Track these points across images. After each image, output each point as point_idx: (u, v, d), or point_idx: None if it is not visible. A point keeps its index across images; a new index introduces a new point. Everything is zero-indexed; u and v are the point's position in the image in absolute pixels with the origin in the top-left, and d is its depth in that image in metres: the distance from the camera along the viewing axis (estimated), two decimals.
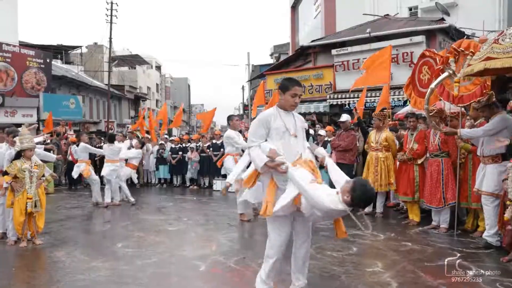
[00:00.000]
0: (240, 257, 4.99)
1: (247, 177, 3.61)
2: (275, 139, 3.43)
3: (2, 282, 4.29)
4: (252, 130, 3.49)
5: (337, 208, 3.03)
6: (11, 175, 5.44)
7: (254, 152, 3.39)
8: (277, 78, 16.64)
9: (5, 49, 19.46)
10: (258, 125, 3.47)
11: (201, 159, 11.90)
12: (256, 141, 3.42)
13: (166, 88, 53.92)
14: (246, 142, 4.10)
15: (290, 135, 3.48)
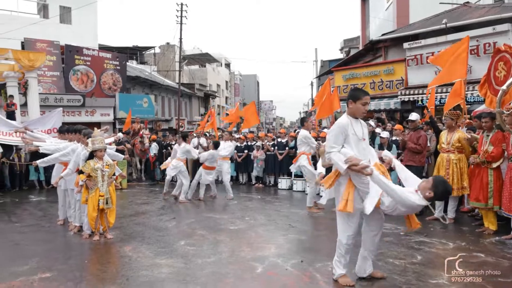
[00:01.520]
0: (298, 260, 4.94)
1: (327, 178, 4.04)
2: (352, 145, 3.92)
3: (75, 273, 4.62)
4: (332, 137, 3.94)
5: (421, 203, 3.69)
6: (85, 174, 5.84)
7: (336, 157, 3.83)
8: (345, 74, 16.22)
9: (86, 53, 20.96)
10: (338, 132, 3.93)
11: (267, 157, 11.96)
12: (337, 147, 3.88)
13: (235, 86, 54.89)
14: None
15: (362, 140, 3.99)
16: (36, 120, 12.24)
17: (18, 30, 19.72)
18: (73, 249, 5.77)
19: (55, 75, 19.82)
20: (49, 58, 18.64)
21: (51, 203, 9.33)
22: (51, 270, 4.71)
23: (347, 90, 15.98)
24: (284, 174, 11.79)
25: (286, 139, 12.10)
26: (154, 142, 13.34)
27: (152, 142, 13.34)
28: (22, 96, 14.44)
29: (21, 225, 7.35)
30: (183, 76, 30.86)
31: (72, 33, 23.23)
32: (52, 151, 6.75)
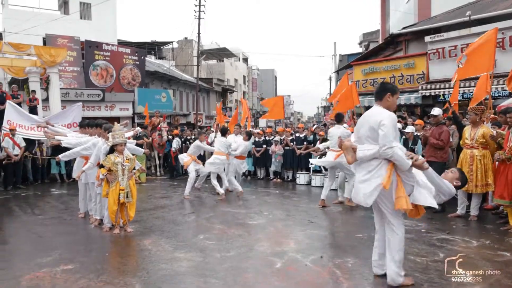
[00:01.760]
0: (318, 256, 4.90)
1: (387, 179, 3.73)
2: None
3: (96, 265, 4.68)
4: (392, 132, 3.70)
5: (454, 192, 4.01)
6: (106, 168, 5.90)
7: (400, 152, 3.66)
8: (365, 69, 15.99)
9: (105, 48, 21.21)
10: (394, 127, 3.76)
11: (285, 152, 11.91)
12: (396, 142, 3.71)
13: (252, 80, 54.83)
14: None
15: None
16: (57, 115, 12.46)
17: (40, 26, 20.09)
18: (94, 241, 5.86)
19: (75, 70, 20.12)
20: (69, 53, 18.90)
21: (72, 196, 9.48)
22: (73, 262, 4.78)
23: (367, 85, 15.80)
24: (303, 169, 11.73)
25: (304, 134, 12.02)
26: (176, 137, 13.40)
27: (174, 137, 13.40)
28: (44, 91, 14.71)
29: (44, 218, 7.49)
30: (201, 71, 30.95)
31: (92, 28, 23.57)
32: (73, 145, 6.85)
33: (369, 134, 3.82)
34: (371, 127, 3.79)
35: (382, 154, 3.67)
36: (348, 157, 3.92)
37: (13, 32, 20.12)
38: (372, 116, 3.85)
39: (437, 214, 6.97)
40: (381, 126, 3.67)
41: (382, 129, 3.66)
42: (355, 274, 4.31)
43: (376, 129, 3.72)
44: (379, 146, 3.68)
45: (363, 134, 3.90)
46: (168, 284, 4.09)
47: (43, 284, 4.12)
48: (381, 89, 3.97)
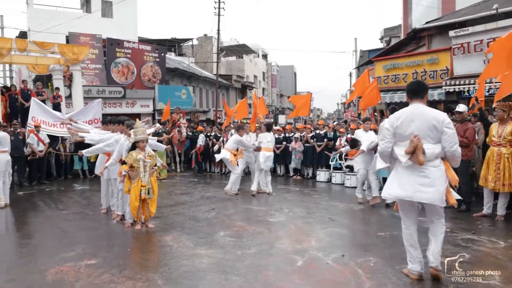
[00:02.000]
0: (339, 254, 4.84)
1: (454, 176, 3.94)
2: None
3: (119, 261, 4.73)
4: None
5: None
6: (128, 164, 5.96)
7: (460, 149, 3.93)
8: (386, 64, 15.74)
9: (126, 45, 21.44)
10: None
11: (305, 149, 11.83)
12: None
13: (272, 77, 54.67)
14: None
15: None
16: (78, 112, 12.67)
17: (63, 25, 20.43)
18: (116, 237, 5.93)
19: (97, 67, 20.41)
20: (91, 51, 19.17)
21: (94, 192, 9.63)
22: (96, 257, 4.84)
23: (388, 81, 15.55)
24: (323, 166, 11.64)
25: (324, 130, 11.92)
26: (201, 134, 13.43)
27: (199, 133, 13.44)
28: (67, 88, 14.97)
29: (67, 213, 7.62)
30: (221, 68, 31.01)
31: (113, 26, 23.82)
32: (96, 142, 6.94)
33: (430, 133, 3.82)
34: (432, 126, 3.81)
35: (451, 151, 3.79)
36: (421, 157, 3.81)
37: (38, 31, 20.52)
38: (429, 115, 3.86)
39: (461, 213, 6.82)
40: (447, 125, 3.77)
41: (449, 128, 3.78)
42: (377, 273, 4.24)
43: (439, 128, 3.78)
44: (445, 144, 3.79)
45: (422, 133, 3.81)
46: (189, 280, 4.11)
47: (67, 278, 4.18)
48: (423, 88, 4.04)
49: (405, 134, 3.88)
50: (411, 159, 3.82)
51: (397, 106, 6.31)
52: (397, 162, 3.99)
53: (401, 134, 3.91)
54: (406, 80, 14.79)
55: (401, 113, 3.96)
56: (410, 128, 3.85)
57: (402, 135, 3.90)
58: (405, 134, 3.88)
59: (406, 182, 3.88)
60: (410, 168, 3.87)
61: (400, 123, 3.91)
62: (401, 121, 3.91)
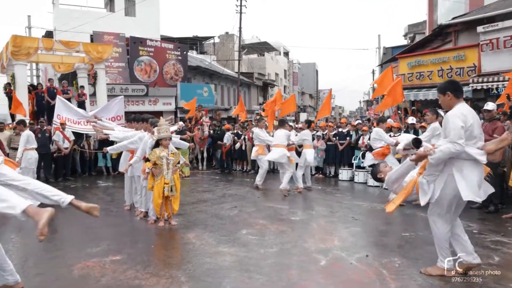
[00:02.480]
0: (363, 254, 4.76)
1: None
2: None
3: (143, 257, 4.78)
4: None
5: None
6: (152, 161, 6.01)
7: None
8: (411, 62, 15.44)
9: (149, 44, 21.68)
10: None
11: (327, 147, 11.72)
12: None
13: (293, 74, 54.44)
14: None
15: None
16: (101, 109, 12.88)
17: (87, 24, 20.79)
18: (140, 233, 6.00)
19: (120, 66, 20.70)
20: (115, 50, 19.47)
21: (118, 188, 9.76)
22: (120, 253, 4.90)
23: (412, 78, 15.26)
24: (345, 165, 11.51)
25: (347, 129, 11.78)
26: (227, 132, 13.47)
27: (225, 132, 13.47)
28: (91, 86, 15.23)
29: None
30: (242, 65, 31.04)
31: (136, 25, 24.09)
32: (120, 139, 7.03)
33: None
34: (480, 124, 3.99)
35: None
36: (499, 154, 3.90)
37: (63, 30, 20.94)
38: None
39: (489, 214, 6.64)
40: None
41: None
42: (402, 274, 4.15)
43: None
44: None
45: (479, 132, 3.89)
46: (212, 278, 4.11)
47: (93, 274, 4.25)
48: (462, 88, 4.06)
49: (474, 133, 3.82)
50: (488, 157, 3.85)
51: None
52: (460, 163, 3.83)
53: (470, 134, 3.80)
54: (431, 77, 14.49)
55: (467, 112, 3.87)
56: (478, 127, 3.87)
57: (471, 134, 3.81)
58: (474, 134, 3.82)
59: (476, 182, 3.80)
60: (476, 168, 3.81)
61: (472, 122, 3.82)
62: (473, 121, 3.83)
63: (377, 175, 4.53)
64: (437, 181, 3.92)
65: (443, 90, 3.96)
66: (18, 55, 12.41)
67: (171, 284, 3.96)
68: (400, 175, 4.21)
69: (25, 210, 2.83)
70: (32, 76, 26.31)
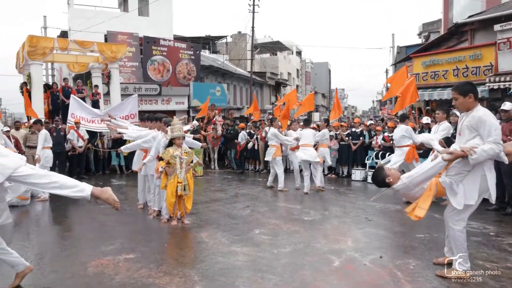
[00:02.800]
0: (377, 256, 4.72)
1: None
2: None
3: (156, 256, 4.80)
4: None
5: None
6: (165, 160, 6.03)
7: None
8: (425, 61, 15.26)
9: (162, 43, 21.81)
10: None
11: (340, 147, 11.65)
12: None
13: (306, 74, 54.26)
14: None
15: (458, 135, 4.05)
16: (115, 107, 13.00)
17: (101, 24, 20.98)
18: (153, 232, 6.02)
19: (134, 65, 20.86)
20: (129, 49, 19.62)
21: (131, 187, 9.84)
22: (134, 251, 4.93)
23: (427, 78, 15.08)
24: (358, 165, 11.43)
25: (360, 128, 11.70)
26: (242, 131, 13.48)
27: (241, 130, 13.48)
28: (105, 85, 15.37)
29: (105, 207, 7.77)
30: (255, 65, 31.04)
31: (150, 24, 24.25)
32: (134, 138, 7.08)
33: None
34: None
35: None
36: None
37: (78, 30, 21.17)
38: None
39: (507, 216, 6.53)
40: None
41: None
42: (417, 276, 4.10)
43: None
44: None
45: None
46: (226, 277, 4.11)
47: (107, 271, 4.28)
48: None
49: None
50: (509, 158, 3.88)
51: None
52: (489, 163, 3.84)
53: None
54: (446, 77, 14.30)
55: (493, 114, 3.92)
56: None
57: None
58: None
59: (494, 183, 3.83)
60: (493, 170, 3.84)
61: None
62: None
63: (385, 180, 4.10)
64: (469, 182, 3.84)
65: (466, 92, 3.89)
66: (34, 55, 12.58)
67: (185, 283, 3.97)
68: (427, 178, 3.99)
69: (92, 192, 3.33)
70: (47, 75, 26.65)
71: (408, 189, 4.06)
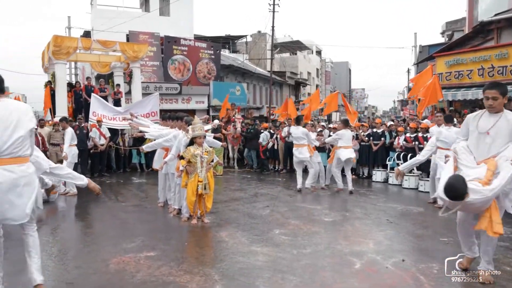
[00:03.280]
0: (399, 259, 4.63)
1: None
2: (472, 139, 3.99)
3: (176, 254, 4.83)
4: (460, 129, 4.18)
5: None
6: (186, 159, 6.06)
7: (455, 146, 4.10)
8: (449, 60, 14.93)
9: (183, 43, 21.98)
10: (462, 125, 4.16)
11: (361, 147, 11.52)
12: (460, 138, 4.17)
13: (326, 73, 53.91)
14: None
15: (485, 134, 3.85)
16: (135, 104, 13.14)
17: (123, 24, 21.27)
18: (173, 230, 6.06)
19: (155, 64, 21.07)
20: (150, 49, 19.81)
21: (151, 185, 9.94)
22: (155, 249, 4.97)
23: (451, 78, 14.76)
24: (379, 166, 11.27)
25: (381, 129, 11.53)
26: (265, 131, 13.46)
27: (263, 130, 13.46)
28: (127, 84, 15.57)
29: (126, 205, 7.91)
30: (274, 64, 30.98)
31: (170, 24, 24.45)
32: (155, 137, 7.14)
33: None
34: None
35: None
36: None
37: (100, 30, 21.50)
38: None
39: None
40: None
41: None
42: (442, 281, 4.01)
43: None
44: None
45: None
46: (246, 277, 4.10)
47: (128, 269, 4.32)
48: None
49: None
50: None
51: None
52: None
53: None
54: (470, 76, 13.96)
55: None
56: None
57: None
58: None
59: None
60: None
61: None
62: None
63: (465, 193, 3.44)
64: None
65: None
66: (58, 55, 12.81)
67: (205, 282, 3.97)
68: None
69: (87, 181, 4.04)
70: (71, 74, 27.16)
71: (487, 203, 3.55)
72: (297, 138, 9.26)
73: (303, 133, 9.21)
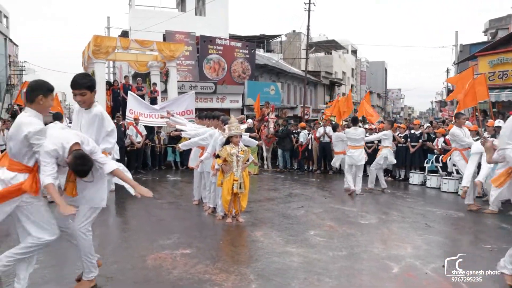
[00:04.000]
0: (439, 265, 4.48)
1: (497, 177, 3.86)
2: None
3: (212, 252, 4.85)
4: (508, 132, 3.70)
5: None
6: (222, 158, 6.09)
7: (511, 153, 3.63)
8: (493, 60, 14.39)
9: (218, 42, 22.16)
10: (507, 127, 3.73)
11: (398, 149, 11.24)
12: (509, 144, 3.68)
13: (361, 73, 53.06)
14: None
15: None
16: (171, 102, 13.34)
17: (160, 23, 21.69)
18: (208, 228, 6.10)
19: (190, 64, 21.35)
20: (186, 48, 20.07)
21: (186, 183, 10.06)
22: (190, 246, 5.02)
23: (494, 78, 14.22)
24: (416, 168, 10.97)
25: (420, 131, 11.22)
26: (304, 130, 13.37)
27: (301, 130, 13.41)
28: (163, 83, 15.85)
29: (162, 202, 8.04)
30: (309, 64, 30.76)
31: (206, 24, 24.74)
32: (192, 136, 7.21)
33: None
34: None
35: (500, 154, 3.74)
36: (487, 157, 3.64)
37: (138, 30, 22.00)
38: None
39: None
40: None
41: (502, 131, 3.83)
42: None
43: None
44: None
45: None
46: (281, 278, 4.07)
47: (165, 265, 4.38)
48: None
49: None
50: None
51: None
52: None
53: None
54: None
55: None
56: None
57: None
58: None
59: None
60: None
61: None
62: None
63: None
64: None
65: None
66: (98, 54, 13.18)
67: (241, 281, 3.97)
68: None
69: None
70: (109, 73, 27.94)
71: None
72: (356, 140, 8.92)
73: (363, 133, 9.08)
